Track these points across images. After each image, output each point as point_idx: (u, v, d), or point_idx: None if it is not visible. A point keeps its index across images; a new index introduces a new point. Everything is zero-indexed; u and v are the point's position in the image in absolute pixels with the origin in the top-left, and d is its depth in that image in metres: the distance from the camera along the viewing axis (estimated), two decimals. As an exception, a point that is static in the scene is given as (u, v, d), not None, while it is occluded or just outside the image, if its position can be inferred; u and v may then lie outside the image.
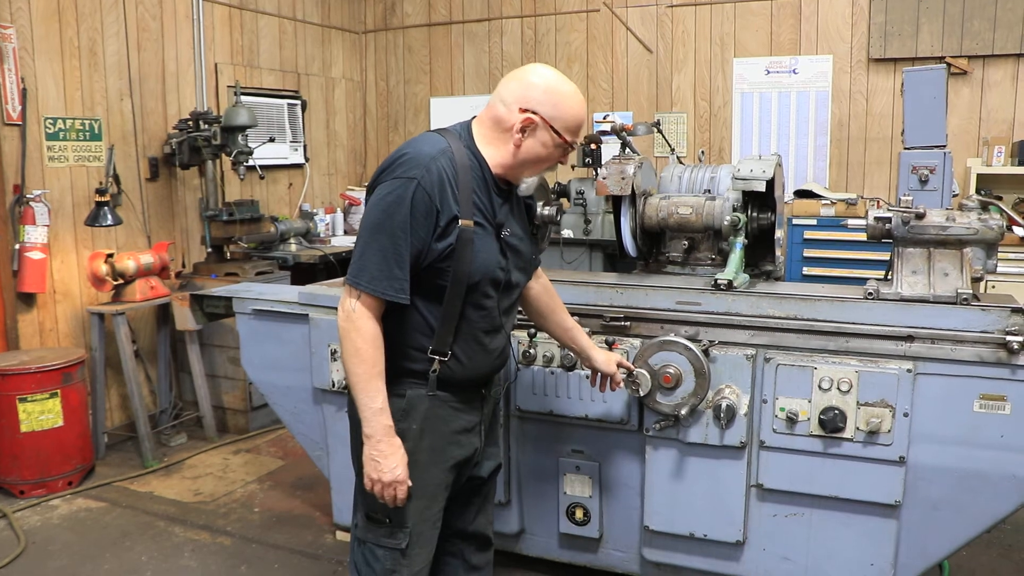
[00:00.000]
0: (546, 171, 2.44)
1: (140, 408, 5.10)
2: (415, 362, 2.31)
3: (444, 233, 2.20)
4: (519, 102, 2.27)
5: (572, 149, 2.38)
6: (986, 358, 2.76)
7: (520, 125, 2.27)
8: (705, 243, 3.62)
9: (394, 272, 2.17)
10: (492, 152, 2.32)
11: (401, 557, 2.36)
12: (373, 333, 2.21)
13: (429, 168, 2.18)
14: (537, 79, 2.30)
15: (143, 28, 5.66)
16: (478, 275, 2.26)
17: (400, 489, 2.25)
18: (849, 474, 2.95)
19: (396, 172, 2.20)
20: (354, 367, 2.21)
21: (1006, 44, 6.03)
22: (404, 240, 2.16)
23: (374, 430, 2.22)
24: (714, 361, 3.00)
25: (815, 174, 6.67)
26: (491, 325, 2.39)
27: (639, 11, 7.06)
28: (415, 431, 2.32)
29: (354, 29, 7.97)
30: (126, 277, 5.12)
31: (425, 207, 2.16)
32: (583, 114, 2.36)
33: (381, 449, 2.22)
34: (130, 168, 5.57)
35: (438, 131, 2.36)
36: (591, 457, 3.34)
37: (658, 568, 3.36)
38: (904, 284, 3.00)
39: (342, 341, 2.23)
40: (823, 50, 6.57)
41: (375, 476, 2.24)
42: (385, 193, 2.19)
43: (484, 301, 2.33)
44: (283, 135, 6.89)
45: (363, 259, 2.19)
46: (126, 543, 4.09)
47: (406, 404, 2.32)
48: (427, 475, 2.35)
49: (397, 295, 2.19)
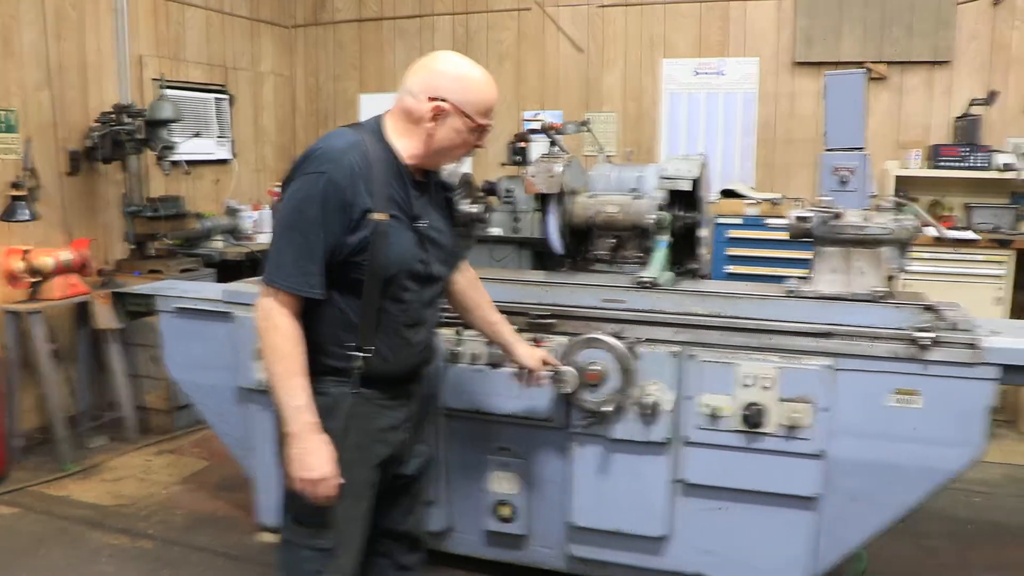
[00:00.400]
0: (464, 156, 2.45)
1: (58, 409, 4.95)
2: (338, 359, 2.29)
3: (357, 226, 2.20)
4: (427, 91, 2.28)
5: (486, 132, 2.38)
6: (899, 354, 2.85)
7: (431, 114, 2.27)
8: (632, 241, 3.66)
9: (308, 268, 2.17)
10: (405, 144, 2.32)
11: (328, 558, 2.34)
12: (291, 330, 2.20)
13: (340, 162, 2.18)
14: (444, 66, 2.31)
15: (62, 17, 5.49)
16: (395, 268, 2.26)
17: (329, 486, 2.23)
18: (770, 468, 3.01)
19: (307, 168, 2.20)
20: (273, 365, 2.20)
21: (922, 52, 6.23)
22: (317, 235, 2.16)
23: (297, 428, 2.19)
24: (639, 359, 3.04)
25: (742, 174, 6.80)
26: (413, 319, 2.38)
27: (570, 10, 7.10)
28: (340, 430, 2.29)
29: (283, 23, 7.85)
30: (44, 274, 4.96)
31: (336, 201, 2.16)
32: (494, 96, 2.38)
33: (306, 447, 2.19)
34: (49, 161, 5.39)
35: (351, 126, 2.36)
36: (517, 454, 3.34)
37: (584, 564, 3.39)
38: (823, 282, 3.08)
39: (261, 340, 2.22)
40: (750, 52, 6.70)
41: (302, 474, 2.21)
42: (296, 189, 2.19)
43: (404, 294, 2.32)
44: (209, 130, 6.76)
45: (277, 256, 2.20)
46: (40, 550, 3.96)
47: (331, 402, 2.29)
48: (353, 474, 2.32)
49: (312, 291, 2.19)
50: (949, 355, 2.81)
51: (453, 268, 2.61)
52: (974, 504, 4.45)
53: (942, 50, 6.20)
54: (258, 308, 2.23)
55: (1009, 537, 4.08)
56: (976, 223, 6.09)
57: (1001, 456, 5.10)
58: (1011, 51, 6.13)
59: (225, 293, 3.68)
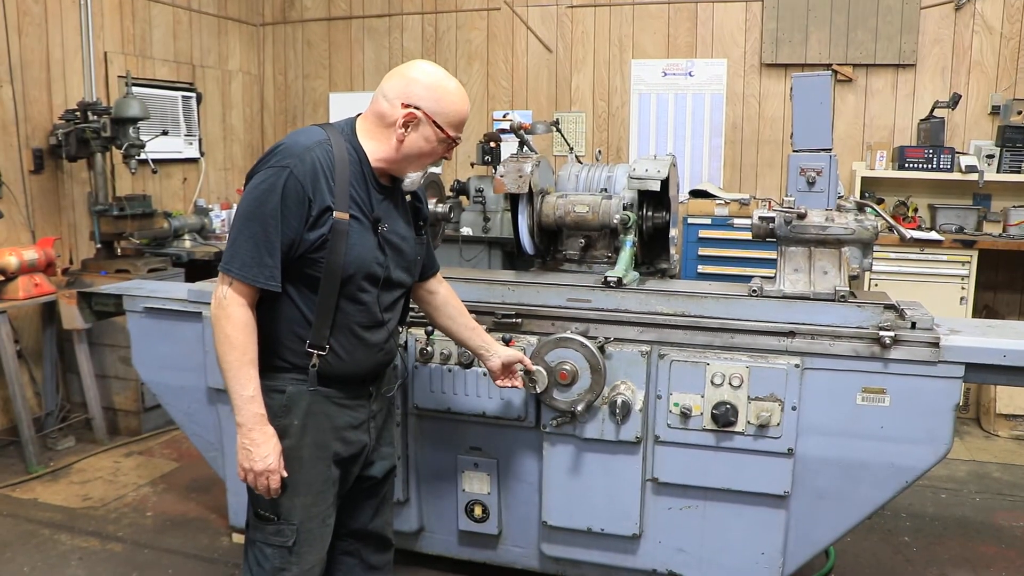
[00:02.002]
0: (430, 167, 2.49)
1: (23, 411, 4.88)
2: (294, 355, 2.30)
3: (316, 223, 2.21)
4: (401, 97, 2.29)
5: (455, 144, 2.40)
6: (861, 352, 2.90)
7: (403, 120, 2.28)
8: (602, 241, 3.68)
9: (265, 260, 2.18)
10: (374, 146, 2.34)
11: (289, 555, 2.35)
12: (245, 320, 2.21)
13: (303, 158, 2.20)
14: (420, 75, 2.32)
15: (24, 12, 5.40)
16: (352, 268, 2.27)
17: (273, 478, 2.24)
18: (740, 467, 3.04)
19: (270, 162, 2.21)
20: (225, 354, 2.20)
21: (886, 55, 6.32)
22: (275, 228, 2.17)
23: (245, 418, 2.21)
24: (610, 358, 3.06)
25: (710, 174, 6.85)
26: (371, 320, 2.38)
27: (539, 10, 7.12)
28: (297, 427, 2.32)
29: (252, 21, 7.80)
30: (7, 274, 4.89)
31: (297, 196, 2.17)
32: (466, 110, 2.39)
33: (253, 437, 2.21)
34: (12, 160, 5.32)
35: (322, 125, 2.36)
36: (489, 454, 3.35)
37: (557, 563, 3.40)
38: (787, 281, 3.11)
39: (214, 329, 2.23)
40: (718, 54, 6.75)
41: (247, 465, 2.23)
42: (259, 182, 2.20)
43: (361, 295, 2.33)
44: (177, 128, 6.69)
45: (235, 246, 2.20)
46: (7, 554, 3.91)
47: (287, 400, 2.31)
48: (311, 471, 2.35)
49: (268, 282, 2.20)
50: (910, 354, 2.86)
51: (415, 276, 2.60)
52: (941, 501, 4.52)
53: (906, 53, 6.29)
54: (213, 296, 2.23)
55: (975, 533, 4.15)
56: (941, 224, 6.19)
57: (967, 453, 5.19)
58: (972, 55, 6.24)
59: (191, 293, 3.65)
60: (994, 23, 6.17)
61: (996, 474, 4.91)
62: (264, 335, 2.27)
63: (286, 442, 2.29)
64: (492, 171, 6.15)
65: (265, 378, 2.26)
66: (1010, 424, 5.48)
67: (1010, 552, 3.96)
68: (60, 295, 5.00)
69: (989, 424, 5.56)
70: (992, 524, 4.25)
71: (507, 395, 3.18)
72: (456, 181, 6.29)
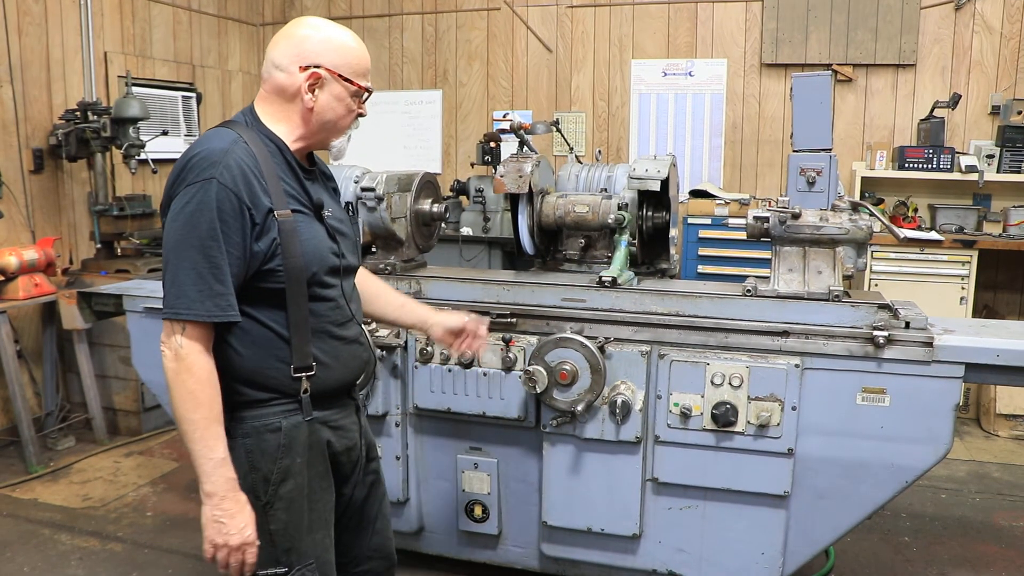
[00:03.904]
0: (349, 127, 2.21)
1: (23, 411, 4.88)
2: (279, 383, 2.05)
3: (263, 231, 1.96)
4: (297, 60, 2.05)
5: (368, 94, 2.16)
6: (855, 352, 2.90)
7: (307, 84, 2.05)
8: (602, 241, 3.68)
9: (215, 288, 1.90)
10: (286, 128, 2.10)
11: None
12: (208, 370, 1.93)
13: (226, 163, 1.92)
14: (308, 31, 2.09)
15: (24, 12, 5.41)
16: (314, 265, 2.04)
17: (249, 552, 1.96)
18: (741, 466, 3.04)
19: (188, 178, 1.93)
20: (189, 413, 1.90)
21: (886, 55, 6.32)
22: (218, 249, 1.89)
23: (216, 486, 1.92)
24: (610, 358, 3.06)
25: (710, 174, 6.85)
26: (342, 315, 2.17)
27: (539, 10, 7.12)
28: (299, 464, 2.08)
29: (252, 21, 7.79)
30: (8, 274, 4.89)
31: (232, 207, 1.90)
32: (367, 56, 2.16)
33: (226, 508, 1.93)
34: (12, 159, 5.32)
35: (223, 124, 2.10)
36: (489, 454, 3.35)
37: (557, 563, 3.40)
38: (781, 281, 3.11)
39: (171, 386, 1.92)
40: (718, 54, 6.75)
41: (220, 540, 1.94)
42: (183, 204, 1.91)
43: (327, 292, 2.11)
44: (177, 128, 6.69)
45: (175, 285, 1.90)
46: (7, 554, 3.91)
47: (284, 438, 2.05)
48: (321, 505, 2.16)
49: (225, 313, 1.92)
50: (903, 353, 2.86)
51: (360, 258, 2.39)
52: (941, 501, 4.52)
53: (906, 53, 6.29)
54: (165, 350, 1.92)
55: (975, 533, 4.15)
56: (941, 224, 6.19)
57: (967, 453, 5.19)
58: (972, 55, 6.24)
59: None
60: (994, 23, 6.17)
61: (996, 474, 4.91)
62: (235, 371, 2.00)
63: (291, 483, 2.06)
64: (492, 171, 6.15)
65: (251, 418, 2.03)
66: (1010, 424, 5.48)
67: (1010, 552, 3.96)
68: (60, 295, 5.00)
69: (989, 424, 5.56)
70: (992, 524, 4.25)
71: (507, 395, 3.17)
72: (456, 181, 6.30)
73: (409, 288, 3.39)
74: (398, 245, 3.53)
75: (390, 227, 3.44)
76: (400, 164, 7.18)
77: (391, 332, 3.25)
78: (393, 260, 3.49)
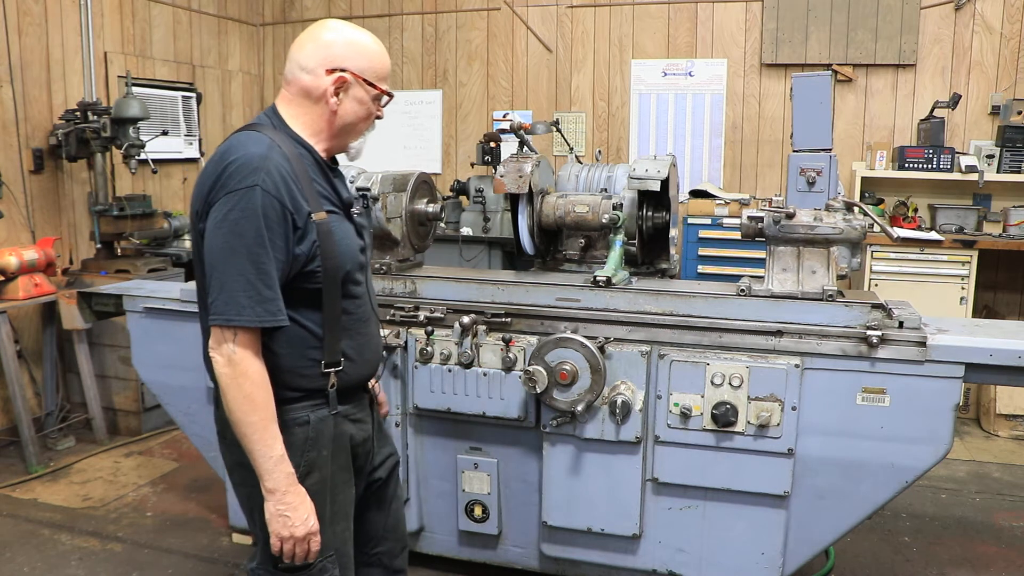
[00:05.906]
0: (367, 130, 2.27)
1: (23, 411, 4.88)
2: (309, 381, 2.12)
3: (304, 234, 2.02)
4: (323, 64, 2.10)
5: (390, 98, 2.22)
6: (849, 351, 2.91)
7: (333, 87, 2.10)
8: (602, 241, 3.68)
9: (264, 294, 1.95)
10: (312, 130, 2.16)
11: None
12: (261, 374, 1.99)
13: (267, 170, 1.97)
14: (333, 35, 2.13)
15: (24, 12, 5.41)
16: (348, 264, 2.13)
17: (314, 541, 2.07)
18: (741, 467, 3.05)
19: (230, 185, 1.95)
20: (247, 416, 1.96)
21: (886, 55, 6.32)
22: (265, 255, 1.94)
23: (277, 482, 2.00)
24: (609, 358, 3.06)
25: (710, 174, 6.85)
26: (367, 312, 2.26)
27: (539, 10, 7.12)
28: (325, 457, 2.15)
29: (252, 21, 7.79)
30: (8, 274, 4.89)
31: (276, 213, 1.96)
32: (388, 60, 2.23)
33: (289, 502, 2.01)
34: (12, 159, 5.32)
35: (250, 127, 2.13)
36: (489, 454, 3.36)
37: (557, 563, 3.41)
38: (775, 281, 3.11)
39: (227, 391, 1.97)
40: (718, 54, 6.75)
41: (285, 532, 2.02)
42: (227, 211, 1.94)
43: (356, 289, 2.19)
44: (177, 128, 6.69)
45: (225, 291, 1.94)
46: (6, 554, 3.91)
47: (312, 431, 2.12)
48: (343, 496, 2.23)
49: (275, 318, 1.98)
50: (897, 353, 2.86)
51: None
52: (941, 501, 4.52)
53: (906, 53, 6.29)
54: (217, 356, 1.98)
55: (975, 533, 4.15)
56: (941, 224, 6.19)
57: (967, 453, 5.19)
58: (972, 55, 6.24)
59: (184, 292, 3.66)
60: (994, 23, 6.17)
61: (996, 474, 4.91)
62: (271, 370, 2.04)
63: (316, 475, 2.12)
64: (492, 171, 6.15)
65: (281, 413, 2.06)
66: (1010, 424, 5.49)
67: (1010, 552, 3.96)
68: (60, 295, 5.01)
69: (989, 424, 5.56)
70: (992, 524, 4.25)
71: (507, 395, 3.17)
72: (456, 181, 6.30)
73: (404, 288, 3.39)
74: (393, 245, 3.52)
75: (385, 227, 3.43)
76: (400, 164, 7.17)
77: (391, 332, 3.25)
78: (388, 260, 3.49)
